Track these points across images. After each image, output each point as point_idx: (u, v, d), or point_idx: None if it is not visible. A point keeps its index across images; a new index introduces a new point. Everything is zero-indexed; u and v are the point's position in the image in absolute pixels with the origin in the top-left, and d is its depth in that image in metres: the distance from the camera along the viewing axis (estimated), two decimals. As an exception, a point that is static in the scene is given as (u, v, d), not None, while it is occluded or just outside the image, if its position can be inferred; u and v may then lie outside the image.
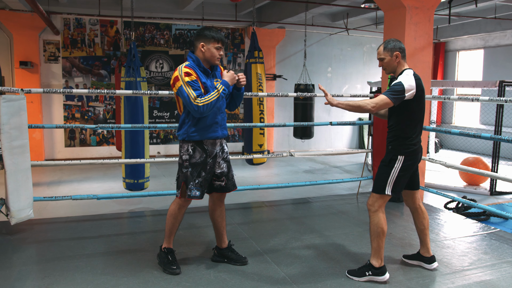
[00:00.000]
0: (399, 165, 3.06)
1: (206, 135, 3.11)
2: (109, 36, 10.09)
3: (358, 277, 3.10)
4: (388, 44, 3.14)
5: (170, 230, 3.22)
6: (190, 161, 3.11)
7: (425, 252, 3.30)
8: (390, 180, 3.07)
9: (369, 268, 3.08)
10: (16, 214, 3.78)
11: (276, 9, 10.27)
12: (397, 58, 3.13)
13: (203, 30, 3.07)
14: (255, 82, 5.80)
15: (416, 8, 5.35)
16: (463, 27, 11.68)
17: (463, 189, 7.46)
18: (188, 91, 2.93)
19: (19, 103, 3.74)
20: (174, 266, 3.17)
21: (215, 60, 3.10)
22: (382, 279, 3.05)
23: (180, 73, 2.98)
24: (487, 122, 11.30)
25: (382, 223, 3.05)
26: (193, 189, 3.10)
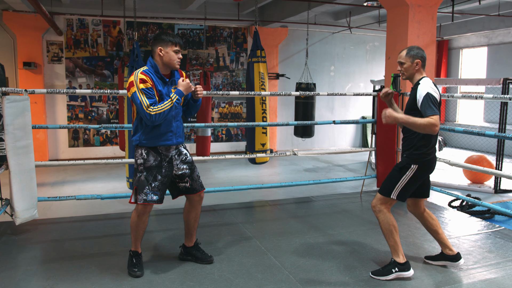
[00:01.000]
0: (411, 174, 3.05)
1: (159, 142, 3.09)
2: (112, 37, 10.11)
3: (384, 276, 3.08)
4: (411, 51, 3.14)
5: (135, 237, 3.18)
6: (145, 165, 3.07)
7: (448, 251, 3.28)
8: (398, 186, 3.06)
9: (395, 265, 3.08)
10: (20, 214, 3.80)
11: (278, 8, 10.26)
12: (417, 65, 3.13)
13: (160, 34, 3.05)
14: (258, 81, 5.79)
15: (419, 6, 5.33)
16: (466, 25, 11.63)
17: (467, 187, 7.44)
18: (141, 98, 2.89)
19: (23, 103, 3.76)
20: (135, 268, 3.14)
21: (175, 64, 3.07)
22: (408, 274, 3.06)
23: (135, 78, 2.94)
24: (491, 120, 11.25)
25: (392, 220, 3.07)
26: (149, 193, 3.05)
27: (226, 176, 8.41)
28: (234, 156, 5.24)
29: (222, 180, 8.04)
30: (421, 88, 3.01)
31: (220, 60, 11.08)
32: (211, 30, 10.87)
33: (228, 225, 4.31)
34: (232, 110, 11.29)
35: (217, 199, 5.93)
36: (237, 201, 5.52)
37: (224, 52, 11.10)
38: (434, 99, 2.95)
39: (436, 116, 2.91)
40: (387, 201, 3.10)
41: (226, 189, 5.17)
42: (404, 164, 3.08)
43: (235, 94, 4.82)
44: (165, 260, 3.42)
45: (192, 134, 10.90)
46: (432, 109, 2.92)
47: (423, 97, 2.96)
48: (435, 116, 2.90)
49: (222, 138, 11.31)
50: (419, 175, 3.07)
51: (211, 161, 9.81)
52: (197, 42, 10.78)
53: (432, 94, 2.96)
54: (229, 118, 11.29)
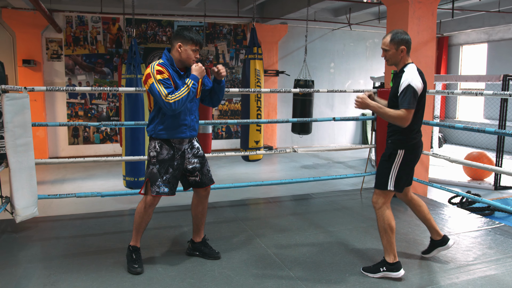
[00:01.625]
0: (399, 160, 3.03)
1: (173, 135, 3.11)
2: (111, 34, 10.09)
3: (372, 274, 3.09)
4: (395, 36, 3.03)
5: (137, 229, 3.20)
6: (158, 158, 3.10)
7: (436, 236, 3.29)
8: (391, 175, 3.04)
9: (383, 264, 3.08)
10: (21, 212, 3.80)
11: (278, 4, 10.24)
12: (403, 52, 3.04)
13: (182, 31, 3.04)
14: (253, 78, 5.78)
15: (419, 2, 5.32)
16: (466, 21, 11.61)
17: (467, 184, 7.45)
18: (159, 89, 2.91)
19: (23, 101, 3.75)
20: (136, 264, 3.14)
21: (191, 62, 3.08)
22: (396, 275, 3.03)
23: (152, 70, 2.96)
24: (491, 117, 11.25)
25: (389, 219, 3.04)
26: (161, 185, 3.09)
27: (226, 173, 8.41)
28: (235, 154, 5.24)
29: (222, 177, 8.04)
30: (405, 77, 2.95)
31: (219, 57, 11.06)
32: (210, 27, 10.85)
33: (228, 222, 4.32)
34: (232, 107, 11.29)
35: (217, 196, 5.93)
36: (237, 198, 5.52)
37: (223, 49, 11.08)
38: (414, 93, 2.90)
39: (409, 110, 2.88)
40: (385, 195, 3.08)
41: (226, 186, 5.17)
42: (390, 151, 3.07)
43: (235, 91, 4.81)
44: (166, 257, 3.43)
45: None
46: (408, 103, 2.88)
47: (404, 87, 2.92)
48: (408, 110, 2.88)
49: (222, 136, 11.31)
50: (409, 160, 3.05)
51: (211, 158, 9.82)
52: (196, 39, 10.75)
53: (414, 87, 2.90)
54: (229, 115, 11.28)
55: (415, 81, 2.93)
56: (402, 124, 2.92)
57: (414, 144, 3.06)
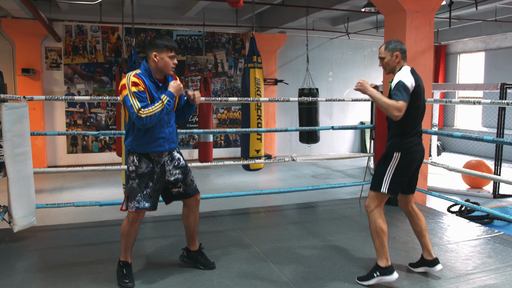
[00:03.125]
0: (395, 162, 3.03)
1: (151, 149, 3.03)
2: (110, 43, 10.14)
3: (367, 281, 3.07)
4: (389, 44, 3.14)
5: (126, 245, 3.12)
6: (137, 172, 3.02)
7: (427, 255, 3.25)
8: (386, 178, 3.03)
9: (376, 269, 3.06)
10: (18, 222, 3.78)
11: (276, 14, 10.31)
12: (397, 58, 3.11)
13: (155, 39, 2.97)
14: (253, 87, 5.79)
15: (417, 12, 5.35)
16: (463, 30, 11.69)
17: (466, 192, 7.44)
18: (132, 102, 2.83)
19: (21, 110, 3.76)
20: (126, 280, 3.06)
21: (169, 70, 3.00)
22: (390, 279, 3.01)
23: (127, 81, 2.87)
24: (489, 125, 11.28)
25: (380, 222, 3.03)
26: (141, 200, 3.00)
27: (224, 182, 8.40)
28: (233, 163, 5.24)
29: (221, 186, 8.03)
30: (397, 76, 3.04)
31: (218, 66, 11.10)
32: (209, 36, 10.90)
33: (226, 232, 4.30)
34: (231, 116, 11.31)
35: (216, 205, 5.92)
36: (236, 207, 5.51)
37: (222, 58, 11.13)
38: (404, 87, 2.94)
39: (402, 102, 2.91)
40: (378, 197, 3.06)
41: (224, 195, 5.16)
42: (387, 153, 3.08)
43: (233, 100, 4.82)
44: (163, 267, 3.41)
45: (190, 140, 10.90)
46: (400, 95, 2.92)
47: (395, 84, 2.99)
48: (401, 102, 2.90)
49: (220, 144, 11.31)
50: (406, 164, 3.04)
51: (211, 167, 9.81)
52: (195, 48, 10.81)
53: (404, 82, 2.96)
54: (228, 124, 11.30)
55: (405, 77, 2.99)
56: (394, 114, 2.91)
57: (409, 148, 3.06)
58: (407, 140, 3.05)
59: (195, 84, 10.77)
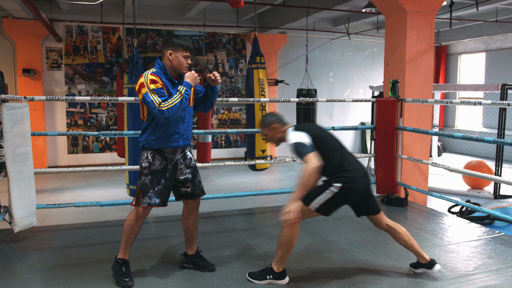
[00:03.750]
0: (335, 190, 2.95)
1: (167, 144, 3.06)
2: (111, 43, 10.14)
3: (259, 281, 3.10)
4: (263, 122, 3.23)
5: (126, 241, 3.14)
6: (150, 169, 3.05)
7: (422, 260, 3.23)
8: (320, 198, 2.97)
9: (270, 272, 3.10)
10: (19, 222, 3.78)
11: (277, 14, 10.31)
12: (277, 128, 3.19)
13: (171, 38, 3.02)
14: (257, 87, 5.80)
15: (417, 12, 5.35)
16: (464, 31, 11.69)
17: (466, 193, 7.44)
18: (153, 98, 2.87)
19: (22, 110, 3.76)
20: (126, 278, 3.07)
21: (183, 69, 3.05)
22: (282, 282, 3.09)
23: (145, 80, 2.92)
24: (490, 125, 11.28)
25: (293, 237, 3.03)
26: (153, 197, 3.04)
27: (225, 183, 8.40)
28: (234, 163, 5.24)
29: (222, 186, 8.03)
30: (289, 142, 3.08)
31: (219, 66, 11.11)
32: (210, 36, 10.91)
33: (227, 232, 4.30)
34: (231, 116, 11.31)
35: (217, 205, 5.92)
36: (237, 208, 5.51)
37: (223, 59, 11.13)
38: (300, 144, 2.94)
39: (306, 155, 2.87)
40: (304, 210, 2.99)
41: (225, 195, 5.16)
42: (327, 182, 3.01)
43: (234, 100, 4.82)
44: (164, 267, 3.41)
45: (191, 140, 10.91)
46: (300, 153, 2.93)
47: (293, 149, 3.00)
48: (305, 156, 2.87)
49: (221, 145, 11.31)
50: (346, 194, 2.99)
51: (211, 168, 9.81)
52: (196, 49, 10.81)
53: (296, 141, 2.97)
54: (228, 124, 11.30)
55: (294, 138, 3.01)
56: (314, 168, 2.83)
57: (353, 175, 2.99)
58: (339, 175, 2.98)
59: (195, 84, 10.78)
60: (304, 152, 2.92)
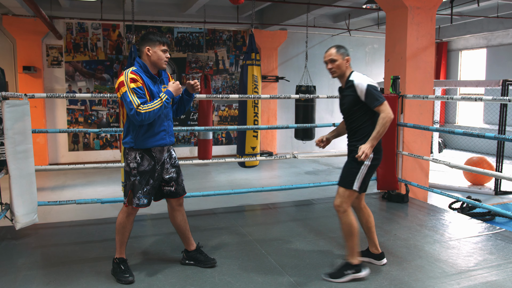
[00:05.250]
0: (369, 163, 3.07)
1: (154, 142, 3.07)
2: (111, 40, 10.13)
3: (339, 278, 3.08)
4: (340, 49, 3.20)
5: (121, 240, 3.15)
6: (138, 169, 3.05)
7: (374, 250, 3.36)
8: (359, 176, 3.07)
9: (349, 267, 3.09)
10: (20, 219, 3.79)
11: (277, 10, 10.29)
12: (347, 62, 3.19)
13: (148, 34, 3.05)
14: (251, 84, 5.79)
15: (418, 8, 5.34)
16: (465, 27, 11.66)
17: (467, 189, 7.44)
18: (132, 98, 2.87)
19: (23, 108, 3.76)
20: (127, 274, 3.09)
21: (162, 64, 3.06)
22: (364, 275, 3.09)
23: (125, 78, 2.92)
24: (490, 122, 11.26)
25: (354, 222, 3.07)
26: (141, 197, 3.06)
27: (226, 179, 8.41)
28: (234, 160, 5.24)
29: (222, 183, 8.04)
30: (358, 82, 3.07)
31: (219, 63, 11.09)
32: (210, 33, 10.89)
33: (228, 229, 4.31)
34: (232, 113, 11.30)
35: (218, 202, 5.93)
36: (237, 204, 5.51)
37: (223, 55, 11.12)
38: (376, 88, 3.04)
39: (384, 102, 3.00)
40: (350, 195, 3.08)
41: (226, 192, 5.17)
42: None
43: (234, 97, 4.82)
44: (165, 264, 3.42)
45: (192, 137, 10.90)
46: (377, 97, 3.00)
47: (365, 90, 3.02)
48: (383, 103, 3.00)
49: (222, 141, 11.31)
50: (375, 164, 3.11)
51: (211, 164, 9.81)
52: (196, 45, 10.80)
53: (372, 84, 3.05)
54: (229, 121, 11.29)
55: (369, 80, 3.07)
56: (391, 116, 2.99)
57: (380, 147, 3.14)
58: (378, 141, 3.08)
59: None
60: (382, 98, 3.01)
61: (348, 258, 3.11)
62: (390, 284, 3.06)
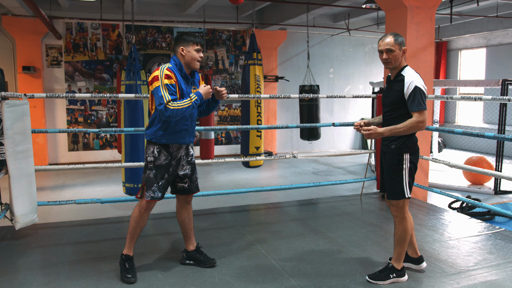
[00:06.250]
0: (407, 165, 3.00)
1: (174, 140, 3.14)
2: (111, 40, 10.12)
3: (383, 281, 3.07)
4: (398, 37, 2.99)
5: (132, 235, 3.18)
6: (155, 163, 3.12)
7: (413, 253, 3.27)
8: (405, 182, 3.01)
9: (393, 270, 3.09)
10: (20, 219, 3.79)
11: (277, 10, 10.28)
12: (404, 54, 3.02)
13: (182, 35, 3.12)
14: (253, 83, 5.79)
15: (418, 8, 5.34)
16: (465, 26, 11.66)
17: (467, 189, 7.44)
18: (163, 93, 2.94)
19: (22, 108, 3.76)
20: (129, 274, 3.11)
21: (195, 63, 3.12)
22: (404, 279, 3.10)
23: (161, 73, 2.99)
24: (490, 121, 11.26)
25: (409, 230, 3.06)
26: (156, 190, 3.12)
27: (226, 179, 8.41)
28: (234, 159, 5.24)
29: (222, 183, 8.04)
30: (409, 80, 2.92)
31: (219, 63, 11.09)
32: (210, 33, 10.89)
33: (228, 228, 4.31)
34: (232, 113, 11.30)
35: (217, 202, 5.93)
36: (237, 204, 5.51)
37: (223, 55, 11.12)
38: (422, 93, 2.91)
39: (423, 111, 2.90)
40: (404, 205, 3.04)
41: (226, 192, 5.17)
42: (397, 157, 3.01)
43: (234, 97, 4.81)
44: (165, 263, 3.42)
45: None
46: (418, 104, 2.88)
47: (412, 90, 2.90)
48: (422, 111, 2.89)
49: (221, 141, 11.31)
50: (415, 163, 3.04)
51: (211, 164, 9.81)
52: (196, 45, 10.77)
53: (421, 88, 2.92)
54: (229, 121, 11.29)
55: (421, 82, 2.94)
56: (423, 127, 2.92)
57: (416, 147, 3.07)
58: (413, 141, 3.04)
59: (195, 81, 10.77)
60: (424, 105, 2.90)
61: (394, 262, 3.10)
62: (389, 284, 3.06)
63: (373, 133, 2.93)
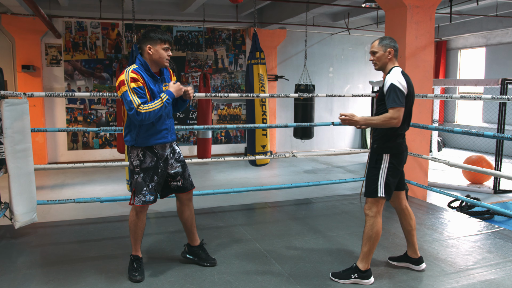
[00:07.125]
0: (386, 165, 3.01)
1: (156, 141, 3.08)
2: (110, 39, 10.11)
3: (343, 280, 3.06)
4: (383, 40, 3.11)
5: (134, 238, 3.17)
6: (141, 166, 3.07)
7: (412, 254, 3.27)
8: (380, 181, 3.01)
9: (356, 271, 3.06)
10: (20, 218, 3.79)
11: (277, 9, 10.28)
12: (390, 54, 3.08)
13: (149, 32, 3.02)
14: (257, 83, 5.80)
15: (417, 7, 5.34)
16: (464, 25, 11.66)
17: (466, 188, 7.44)
18: (132, 97, 2.87)
19: (22, 107, 3.75)
20: (136, 273, 3.12)
21: (164, 62, 3.05)
22: (367, 282, 3.04)
23: (126, 77, 2.91)
24: (490, 120, 11.27)
25: (379, 229, 3.02)
26: (147, 194, 3.07)
27: (225, 178, 8.41)
28: (234, 158, 5.24)
29: (222, 182, 8.04)
30: (388, 79, 3.00)
31: (218, 62, 11.08)
32: (209, 32, 10.88)
33: (227, 227, 4.31)
34: (231, 112, 11.30)
35: (217, 201, 5.93)
36: (237, 203, 5.51)
37: (222, 54, 11.11)
38: (398, 90, 2.93)
39: (396, 108, 2.91)
40: (377, 203, 3.03)
41: (225, 191, 5.17)
42: (376, 156, 3.05)
43: (234, 96, 4.81)
44: (164, 262, 3.42)
45: (191, 136, 10.90)
46: (393, 100, 2.91)
47: (388, 88, 2.96)
48: (396, 108, 2.91)
49: (221, 140, 11.31)
50: (395, 165, 3.03)
51: (211, 163, 9.81)
52: (195, 44, 10.78)
53: (396, 85, 2.94)
54: (228, 120, 11.29)
55: (398, 80, 2.96)
56: (396, 124, 2.93)
57: (398, 148, 3.05)
58: (396, 142, 3.04)
59: (195, 80, 10.76)
60: (398, 102, 2.92)
61: (359, 262, 3.07)
62: (389, 283, 3.06)
63: (347, 120, 2.99)
